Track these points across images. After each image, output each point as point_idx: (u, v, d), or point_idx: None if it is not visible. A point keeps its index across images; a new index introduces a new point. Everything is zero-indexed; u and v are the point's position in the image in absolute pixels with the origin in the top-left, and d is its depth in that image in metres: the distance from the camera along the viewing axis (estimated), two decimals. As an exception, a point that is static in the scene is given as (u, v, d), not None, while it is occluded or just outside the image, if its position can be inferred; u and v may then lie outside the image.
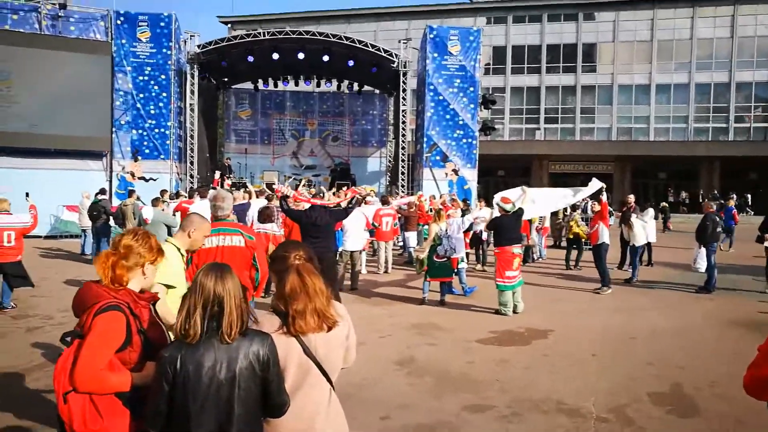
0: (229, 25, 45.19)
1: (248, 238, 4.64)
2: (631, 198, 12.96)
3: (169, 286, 3.30)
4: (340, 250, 10.60)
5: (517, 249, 8.63)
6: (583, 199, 19.36)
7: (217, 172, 14.97)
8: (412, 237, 13.29)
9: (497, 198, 8.98)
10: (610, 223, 11.45)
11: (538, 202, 9.88)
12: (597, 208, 11.11)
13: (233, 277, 2.25)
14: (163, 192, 13.66)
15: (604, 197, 10.85)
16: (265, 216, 9.25)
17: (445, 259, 9.16)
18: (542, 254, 15.35)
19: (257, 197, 11.77)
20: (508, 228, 8.64)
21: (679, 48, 39.39)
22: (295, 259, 2.49)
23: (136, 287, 2.59)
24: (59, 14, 18.84)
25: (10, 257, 7.77)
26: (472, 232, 12.64)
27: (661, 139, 38.94)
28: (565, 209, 21.24)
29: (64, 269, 11.98)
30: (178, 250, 3.54)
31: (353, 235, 10.48)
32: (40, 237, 18.06)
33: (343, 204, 9.07)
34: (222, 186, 17.38)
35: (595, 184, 10.39)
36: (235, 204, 10.73)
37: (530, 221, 14.71)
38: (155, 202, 9.10)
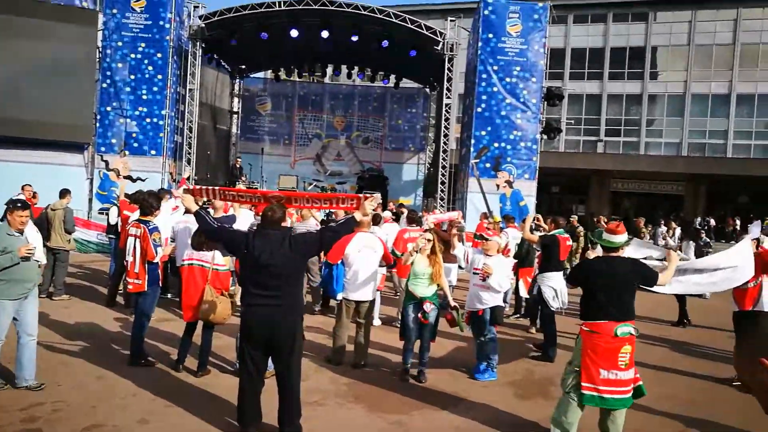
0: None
1: None
2: None
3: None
4: (339, 297, 6.66)
5: (627, 328, 4.35)
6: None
7: (186, 170, 11.36)
8: (451, 271, 9.20)
9: (608, 235, 4.73)
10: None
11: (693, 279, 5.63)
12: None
13: None
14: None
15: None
16: (203, 237, 5.47)
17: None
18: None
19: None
20: (611, 284, 4.44)
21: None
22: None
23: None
24: (39, -25, 15.70)
25: None
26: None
27: (741, 156, 33.89)
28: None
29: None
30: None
31: (364, 273, 6.32)
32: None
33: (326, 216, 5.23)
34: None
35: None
36: (217, 216, 7.07)
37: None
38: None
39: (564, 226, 7.71)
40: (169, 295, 9.15)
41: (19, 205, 5.16)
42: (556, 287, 7.07)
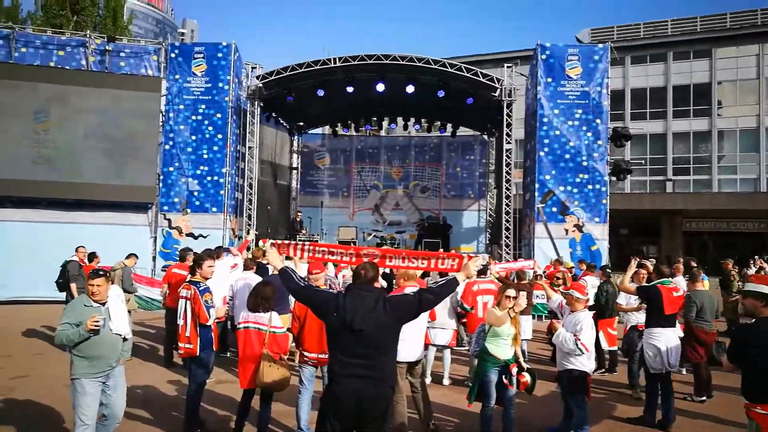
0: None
1: None
2: None
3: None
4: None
5: None
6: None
7: (251, 231, 11.29)
8: (526, 325, 8.52)
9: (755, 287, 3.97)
10: None
11: None
12: None
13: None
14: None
15: None
16: (260, 297, 5.13)
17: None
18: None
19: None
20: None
21: None
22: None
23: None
24: (107, 48, 16.52)
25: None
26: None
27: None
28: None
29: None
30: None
31: (413, 330, 5.49)
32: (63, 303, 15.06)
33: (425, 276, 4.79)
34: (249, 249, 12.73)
35: None
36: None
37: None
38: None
39: (668, 275, 6.75)
40: (228, 354, 8.87)
41: (95, 273, 4.65)
42: (660, 345, 6.22)
